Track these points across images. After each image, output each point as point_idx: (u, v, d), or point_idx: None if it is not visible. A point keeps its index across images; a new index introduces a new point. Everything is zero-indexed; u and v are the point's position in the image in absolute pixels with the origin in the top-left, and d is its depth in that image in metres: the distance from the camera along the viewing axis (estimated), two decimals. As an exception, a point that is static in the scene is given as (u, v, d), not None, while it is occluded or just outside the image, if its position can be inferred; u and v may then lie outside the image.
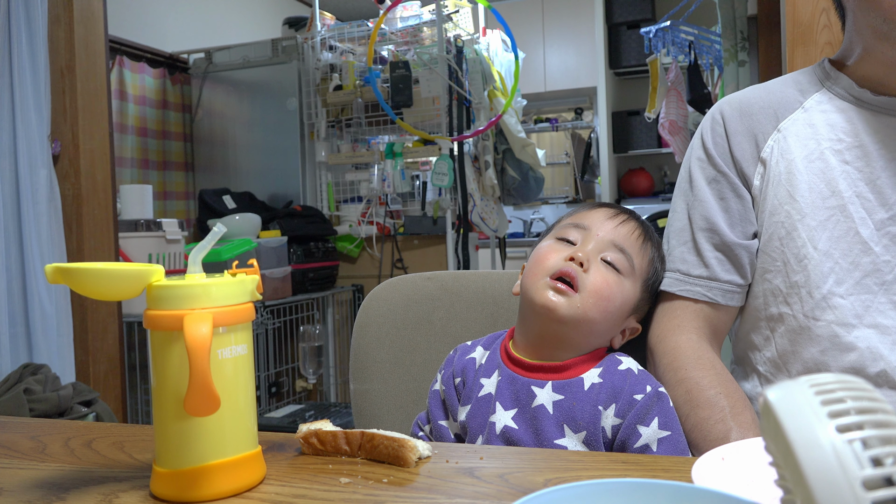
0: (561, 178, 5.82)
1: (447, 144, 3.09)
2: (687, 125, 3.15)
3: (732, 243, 0.89)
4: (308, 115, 3.46)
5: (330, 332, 3.43)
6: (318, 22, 3.47)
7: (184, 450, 0.60)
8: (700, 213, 0.92)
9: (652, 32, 3.22)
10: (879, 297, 0.82)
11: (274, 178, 3.53)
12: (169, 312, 0.59)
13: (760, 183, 0.90)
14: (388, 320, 1.11)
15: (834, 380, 0.37)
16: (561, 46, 5.33)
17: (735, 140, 0.92)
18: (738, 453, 0.59)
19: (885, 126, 0.86)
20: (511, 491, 0.58)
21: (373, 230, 3.33)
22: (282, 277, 2.96)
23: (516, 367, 0.83)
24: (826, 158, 0.87)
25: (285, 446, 0.73)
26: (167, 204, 3.62)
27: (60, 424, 0.86)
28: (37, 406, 1.71)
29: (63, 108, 2.18)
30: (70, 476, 0.66)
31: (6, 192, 2.04)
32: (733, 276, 0.90)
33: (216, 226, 0.63)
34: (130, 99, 3.40)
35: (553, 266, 0.81)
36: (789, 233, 0.87)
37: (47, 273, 0.59)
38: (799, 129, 0.89)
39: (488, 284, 1.09)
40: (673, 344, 0.87)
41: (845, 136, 0.87)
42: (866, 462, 0.33)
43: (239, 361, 0.62)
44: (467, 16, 3.46)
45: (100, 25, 2.27)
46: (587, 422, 0.77)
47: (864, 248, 0.84)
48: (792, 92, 0.93)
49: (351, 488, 0.60)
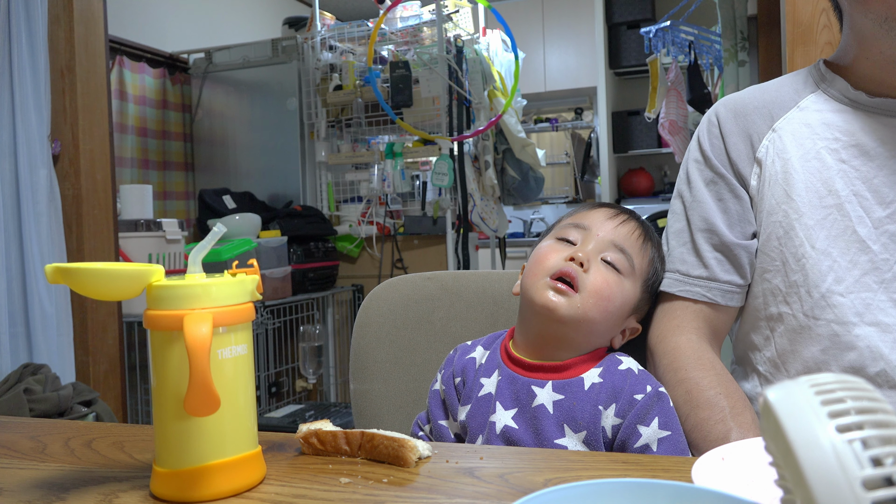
0: (561, 178, 5.82)
1: (447, 144, 3.09)
2: (687, 125, 3.15)
3: (731, 244, 0.89)
4: (308, 115, 3.46)
5: (330, 332, 3.43)
6: (318, 22, 3.48)
7: (184, 450, 0.60)
8: (699, 214, 0.92)
9: (652, 32, 3.22)
10: (880, 296, 0.82)
11: (274, 178, 3.53)
12: (169, 312, 0.59)
13: (757, 183, 0.90)
14: (388, 320, 1.11)
15: (834, 380, 0.37)
16: (561, 46, 5.33)
17: (731, 141, 0.92)
18: (738, 453, 0.59)
19: (881, 126, 0.86)
20: (511, 491, 0.58)
21: (373, 230, 3.33)
22: (282, 277, 2.96)
23: (516, 366, 0.83)
24: (822, 157, 0.87)
25: (285, 446, 0.73)
26: (167, 204, 3.62)
27: (60, 424, 0.86)
28: (37, 406, 1.71)
29: (63, 108, 2.18)
30: (70, 476, 0.66)
31: (6, 192, 2.04)
32: (733, 277, 0.90)
33: (216, 226, 0.63)
34: (130, 99, 3.40)
35: (553, 266, 0.81)
36: (787, 232, 0.87)
37: (47, 273, 0.59)
38: (794, 128, 0.89)
39: (488, 284, 1.09)
40: (673, 344, 0.87)
41: (841, 135, 0.87)
42: (866, 462, 0.33)
43: (239, 361, 0.62)
44: (467, 16, 3.46)
45: (100, 25, 2.27)
46: (587, 421, 0.77)
47: (861, 246, 0.84)
48: (787, 92, 0.93)
49: (351, 488, 0.60)
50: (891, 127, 0.86)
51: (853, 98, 0.88)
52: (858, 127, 0.87)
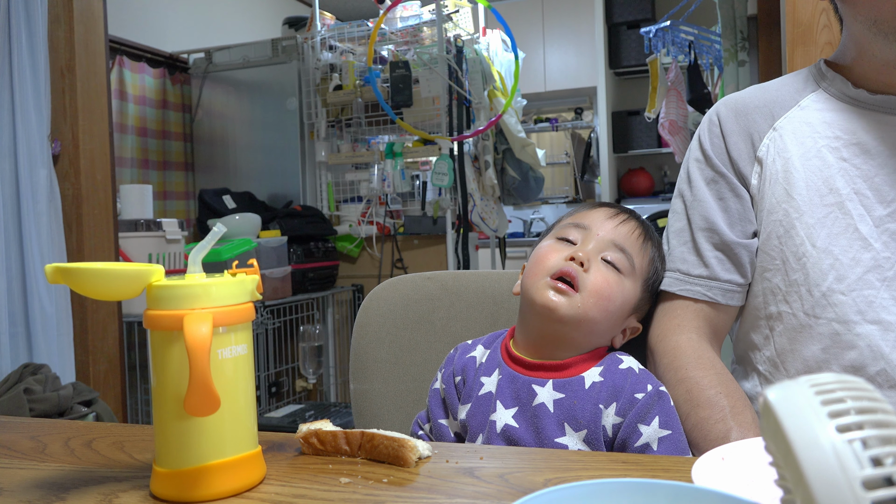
0: (561, 178, 5.82)
1: (447, 144, 3.09)
2: (687, 125, 3.15)
3: (732, 242, 0.89)
4: (308, 115, 3.46)
5: (330, 332, 3.43)
6: (318, 22, 3.48)
7: (184, 450, 0.60)
8: (699, 213, 0.92)
9: (652, 32, 3.22)
10: (882, 293, 0.82)
11: (274, 178, 3.53)
12: (169, 312, 0.59)
13: (758, 182, 0.90)
14: (388, 320, 1.11)
15: (834, 379, 0.37)
16: (561, 46, 5.33)
17: (731, 140, 0.92)
18: (738, 453, 0.59)
19: (882, 124, 0.86)
20: (511, 491, 0.58)
21: (373, 230, 3.33)
22: (282, 277, 2.96)
23: (517, 365, 0.83)
24: (823, 156, 0.87)
25: (285, 446, 0.73)
26: (167, 204, 3.62)
27: (60, 424, 0.86)
28: (37, 406, 1.71)
29: (63, 108, 2.18)
30: (70, 476, 0.66)
31: (6, 192, 2.04)
32: (733, 276, 0.90)
33: (216, 226, 0.63)
34: (130, 99, 3.40)
35: (553, 266, 0.81)
36: (787, 231, 0.87)
37: (47, 273, 0.59)
38: (795, 126, 0.89)
39: (488, 284, 1.09)
40: (673, 343, 0.87)
41: (842, 134, 0.87)
42: (866, 462, 0.33)
43: (239, 361, 0.62)
44: (467, 16, 3.46)
45: (100, 25, 2.27)
46: (588, 420, 0.77)
47: (864, 244, 0.84)
48: (788, 91, 0.93)
49: (351, 488, 0.60)
50: (891, 125, 0.86)
51: (854, 96, 0.88)
52: (859, 125, 0.87)
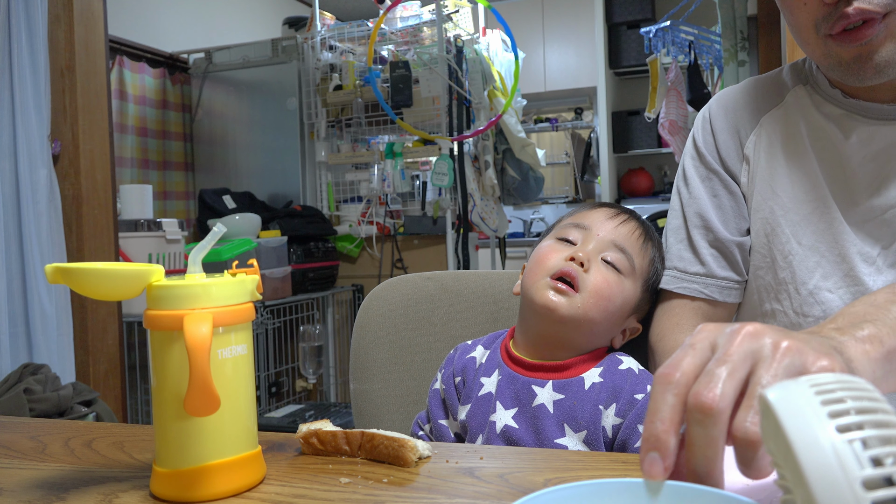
0: (561, 178, 5.82)
1: (447, 144, 3.09)
2: (687, 125, 3.16)
3: (726, 240, 0.90)
4: (308, 115, 3.46)
5: (330, 332, 3.43)
6: (318, 22, 3.48)
7: (184, 450, 0.59)
8: (694, 211, 0.92)
9: (652, 32, 3.22)
10: (870, 291, 0.82)
11: (274, 178, 3.53)
12: (169, 312, 0.59)
13: (747, 179, 0.90)
14: (388, 320, 1.11)
15: (834, 380, 0.37)
16: (561, 46, 5.33)
17: (721, 138, 0.92)
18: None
19: (858, 124, 0.86)
20: (511, 491, 0.58)
21: (373, 230, 3.33)
22: (282, 277, 2.96)
23: (517, 366, 0.83)
24: (806, 153, 0.87)
25: (285, 446, 0.72)
26: (167, 204, 3.62)
27: (60, 424, 0.86)
28: (37, 406, 1.71)
29: (63, 108, 2.18)
30: (70, 476, 0.66)
31: (6, 192, 2.04)
32: (729, 273, 0.90)
33: (216, 226, 0.63)
34: (130, 99, 3.40)
35: (553, 266, 0.81)
36: (774, 229, 0.87)
37: (47, 273, 0.59)
38: (778, 123, 0.89)
39: (488, 284, 1.09)
40: (673, 343, 0.87)
41: (822, 132, 0.87)
42: (866, 462, 0.33)
43: (239, 361, 0.61)
44: (467, 16, 3.46)
45: (100, 25, 2.27)
46: (588, 421, 0.77)
47: (849, 240, 0.83)
48: (775, 87, 0.93)
49: (351, 488, 0.60)
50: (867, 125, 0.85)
51: (832, 95, 0.88)
52: (837, 124, 0.86)
